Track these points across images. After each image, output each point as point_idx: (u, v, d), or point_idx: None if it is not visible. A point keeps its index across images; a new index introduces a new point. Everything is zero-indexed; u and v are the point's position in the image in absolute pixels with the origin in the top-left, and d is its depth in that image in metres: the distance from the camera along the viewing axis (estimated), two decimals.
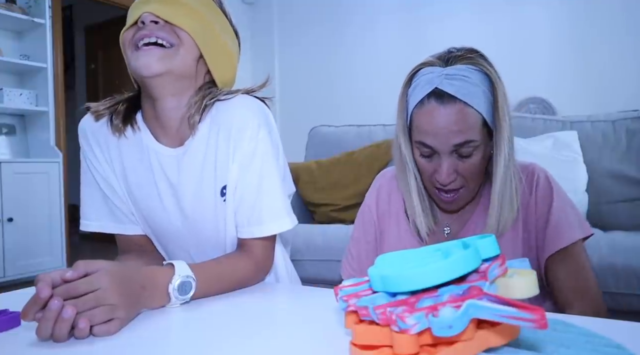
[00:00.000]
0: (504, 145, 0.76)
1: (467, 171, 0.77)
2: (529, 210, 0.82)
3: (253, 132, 0.76)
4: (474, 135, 0.75)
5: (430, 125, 0.75)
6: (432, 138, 0.75)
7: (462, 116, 0.73)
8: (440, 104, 0.74)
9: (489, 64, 0.77)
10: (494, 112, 0.77)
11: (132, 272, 0.59)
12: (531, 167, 0.84)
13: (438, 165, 0.77)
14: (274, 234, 0.79)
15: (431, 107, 0.75)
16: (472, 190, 0.81)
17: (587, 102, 2.69)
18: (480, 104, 0.75)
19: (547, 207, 0.80)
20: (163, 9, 0.73)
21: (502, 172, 0.77)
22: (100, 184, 0.85)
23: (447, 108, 0.74)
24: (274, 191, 0.77)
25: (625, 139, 1.92)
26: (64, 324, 0.49)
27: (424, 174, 0.81)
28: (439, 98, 0.74)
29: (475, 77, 0.75)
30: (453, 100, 0.73)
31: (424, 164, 0.80)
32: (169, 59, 0.73)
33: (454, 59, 0.77)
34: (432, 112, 0.75)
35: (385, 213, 0.91)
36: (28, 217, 3.01)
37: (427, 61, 0.79)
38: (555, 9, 2.83)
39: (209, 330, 0.53)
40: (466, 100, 0.73)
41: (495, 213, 0.79)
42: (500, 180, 0.77)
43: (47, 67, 3.21)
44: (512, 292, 0.38)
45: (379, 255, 0.48)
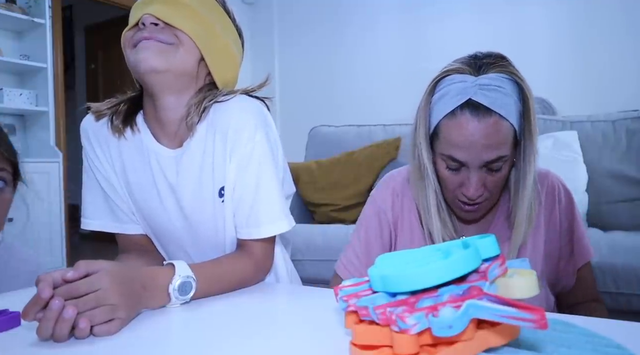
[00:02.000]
0: (533, 159, 0.74)
1: (493, 185, 0.75)
2: (551, 222, 0.82)
3: (250, 133, 0.76)
4: (506, 150, 0.72)
5: (462, 139, 0.71)
6: (464, 152, 0.72)
7: (497, 131, 0.70)
8: (474, 116, 0.70)
9: (518, 72, 0.74)
10: (524, 122, 0.74)
11: (133, 272, 0.59)
12: (549, 177, 0.84)
13: (466, 179, 0.74)
14: (273, 235, 0.79)
15: (465, 119, 0.71)
16: (494, 201, 0.79)
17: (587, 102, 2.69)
18: (513, 116, 0.72)
19: (571, 221, 0.82)
20: (164, 10, 0.73)
21: (530, 187, 0.75)
22: (102, 183, 0.85)
23: (481, 122, 0.70)
24: (271, 193, 0.77)
25: (625, 139, 1.92)
26: (64, 324, 0.49)
27: (447, 186, 0.78)
28: (474, 110, 0.70)
29: (508, 87, 0.72)
30: (489, 113, 0.70)
31: (449, 177, 0.76)
32: (168, 55, 0.73)
33: (486, 66, 0.73)
34: (466, 124, 0.70)
35: (399, 218, 0.88)
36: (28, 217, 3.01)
37: (453, 68, 0.75)
38: (555, 9, 2.83)
39: (209, 330, 0.53)
40: (501, 112, 0.70)
41: (523, 228, 0.77)
42: (528, 196, 0.76)
43: (47, 67, 3.20)
44: (512, 292, 0.38)
45: (379, 256, 0.48)
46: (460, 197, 0.77)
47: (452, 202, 0.80)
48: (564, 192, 0.83)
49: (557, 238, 0.82)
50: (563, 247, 0.82)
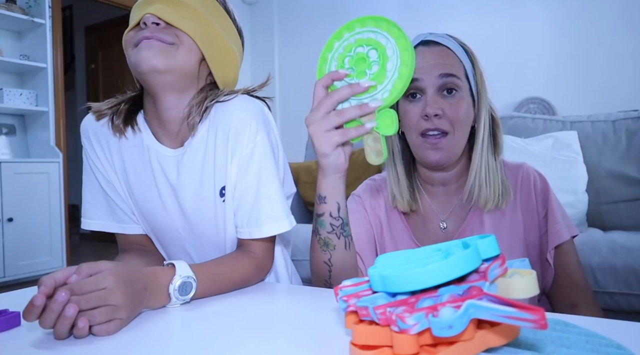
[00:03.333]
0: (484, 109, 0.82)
1: (452, 113, 0.79)
2: (529, 211, 0.84)
3: (251, 133, 0.76)
4: (457, 73, 0.79)
5: (417, 62, 0.79)
6: (419, 70, 0.79)
7: (446, 55, 0.80)
8: (426, 47, 0.82)
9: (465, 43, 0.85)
10: (476, 81, 0.83)
11: (135, 273, 0.59)
12: (524, 167, 0.87)
13: (425, 103, 0.79)
14: (274, 235, 0.79)
15: (418, 50, 0.81)
16: (457, 142, 0.81)
17: (587, 102, 2.69)
18: (462, 58, 0.81)
19: (546, 206, 0.84)
20: (165, 10, 0.73)
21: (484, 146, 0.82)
22: (102, 183, 0.85)
23: (432, 48, 0.81)
24: (272, 193, 0.77)
25: (625, 139, 1.92)
26: (65, 322, 0.50)
27: (409, 123, 0.82)
28: (425, 44, 0.82)
29: (457, 43, 0.83)
30: (438, 44, 0.81)
31: (409, 110, 0.81)
32: (169, 55, 0.73)
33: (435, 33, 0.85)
34: (420, 52, 0.81)
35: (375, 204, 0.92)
36: (28, 217, 3.02)
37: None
38: (554, 9, 2.83)
39: (209, 330, 0.54)
40: (449, 46, 0.81)
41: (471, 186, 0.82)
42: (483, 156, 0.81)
43: (47, 67, 3.21)
44: (512, 292, 0.38)
45: (379, 256, 0.48)
46: (422, 126, 0.80)
47: (416, 143, 0.82)
48: (540, 179, 0.86)
49: (536, 225, 0.84)
50: (543, 235, 0.84)
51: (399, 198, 0.86)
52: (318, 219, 0.72)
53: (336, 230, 0.72)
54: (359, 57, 0.62)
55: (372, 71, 0.62)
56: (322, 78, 0.64)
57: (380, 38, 0.62)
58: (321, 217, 0.72)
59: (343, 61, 0.63)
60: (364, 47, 0.62)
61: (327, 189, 0.70)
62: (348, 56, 0.63)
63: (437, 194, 0.88)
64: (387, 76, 0.61)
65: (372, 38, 0.62)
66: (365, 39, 0.63)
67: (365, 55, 0.62)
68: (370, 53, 0.62)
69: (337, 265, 0.74)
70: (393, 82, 0.61)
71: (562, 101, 2.76)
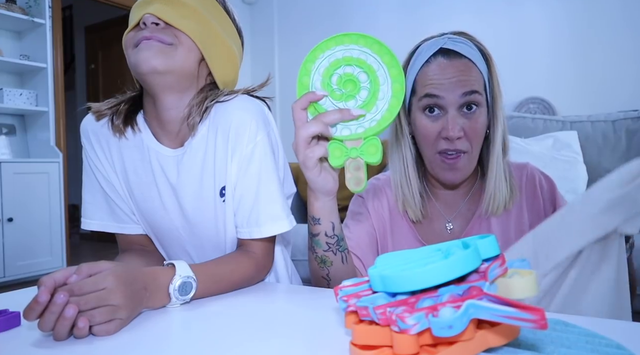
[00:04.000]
0: (500, 114, 0.81)
1: (472, 131, 0.77)
2: (534, 210, 0.83)
3: (251, 133, 0.76)
4: (479, 87, 0.78)
5: (438, 76, 0.77)
6: (440, 87, 0.77)
7: (468, 69, 0.78)
8: (446, 58, 0.78)
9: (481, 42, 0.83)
10: (492, 86, 0.81)
11: (135, 273, 0.59)
12: (528, 167, 0.87)
13: (445, 122, 0.77)
14: (274, 235, 0.79)
15: (438, 62, 0.78)
16: (473, 159, 0.80)
17: (587, 102, 2.69)
18: (481, 67, 0.79)
19: (554, 204, 0.83)
20: (164, 10, 0.73)
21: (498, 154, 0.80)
22: (102, 183, 0.85)
23: (453, 61, 0.78)
24: (272, 193, 0.77)
25: (625, 139, 1.92)
26: (64, 322, 0.50)
27: (427, 138, 0.80)
28: (446, 54, 0.78)
29: (474, 47, 0.81)
30: (459, 56, 0.78)
31: (427, 127, 0.79)
32: (168, 55, 0.73)
33: (452, 35, 0.82)
34: (440, 65, 0.78)
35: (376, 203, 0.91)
36: (28, 217, 3.02)
37: (425, 39, 0.83)
38: (554, 9, 2.83)
39: (209, 330, 0.54)
40: (470, 57, 0.78)
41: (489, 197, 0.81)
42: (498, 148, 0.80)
43: (47, 67, 3.21)
44: (512, 292, 0.38)
45: (379, 256, 0.48)
46: (441, 146, 0.79)
47: (432, 160, 0.81)
48: (545, 179, 0.86)
49: None
50: None
51: (411, 205, 0.85)
52: (313, 238, 0.73)
53: (332, 248, 0.73)
54: (347, 78, 0.60)
55: (361, 97, 0.60)
56: (300, 101, 0.60)
57: (371, 61, 0.59)
58: (316, 237, 0.72)
59: (330, 78, 0.60)
60: (354, 67, 0.60)
61: (320, 212, 0.70)
62: (336, 74, 0.60)
63: (445, 196, 0.88)
64: (376, 105, 0.59)
65: (363, 59, 0.59)
66: (356, 59, 0.60)
67: (355, 78, 0.60)
68: (359, 76, 0.60)
69: (335, 279, 0.75)
70: (382, 113, 0.59)
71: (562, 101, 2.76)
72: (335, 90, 0.60)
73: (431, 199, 0.88)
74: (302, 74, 0.61)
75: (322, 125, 0.59)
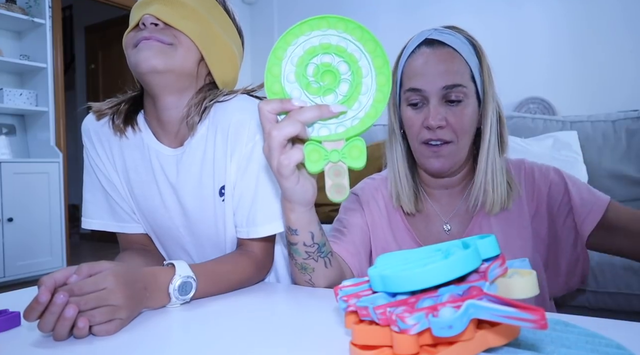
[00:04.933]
0: (490, 108, 0.79)
1: (456, 122, 0.77)
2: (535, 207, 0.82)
3: (250, 133, 0.76)
4: (462, 80, 0.76)
5: (420, 68, 0.77)
6: (421, 79, 0.76)
7: (451, 58, 0.77)
8: (430, 47, 0.78)
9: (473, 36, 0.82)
10: (482, 79, 0.79)
11: (135, 273, 0.59)
12: (525, 163, 0.85)
13: (428, 112, 0.77)
14: (272, 234, 0.79)
15: (421, 52, 0.78)
16: (460, 150, 0.79)
17: (587, 102, 2.69)
18: (468, 58, 0.78)
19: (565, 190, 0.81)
20: (163, 10, 0.74)
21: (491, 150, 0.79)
22: (103, 182, 0.85)
23: (436, 51, 0.77)
24: (270, 193, 0.77)
25: (625, 139, 1.92)
26: (64, 323, 0.50)
27: (412, 130, 0.80)
28: (430, 44, 0.78)
29: (462, 39, 0.80)
30: (442, 45, 0.78)
31: (412, 117, 0.79)
32: (167, 55, 0.73)
33: (441, 27, 0.82)
34: (423, 55, 0.78)
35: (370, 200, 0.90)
36: (28, 217, 3.02)
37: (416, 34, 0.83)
38: (554, 9, 2.83)
39: (209, 330, 0.54)
40: (455, 47, 0.77)
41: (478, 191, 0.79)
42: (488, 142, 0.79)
43: (47, 67, 3.21)
44: (513, 292, 0.38)
45: (379, 255, 0.48)
46: (424, 136, 0.78)
47: (417, 150, 0.81)
48: (552, 171, 0.83)
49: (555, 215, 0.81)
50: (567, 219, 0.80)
51: (403, 199, 0.85)
52: (292, 247, 0.68)
53: (313, 256, 0.68)
54: (325, 69, 0.52)
55: (341, 91, 0.52)
56: (271, 104, 0.52)
57: (352, 49, 0.52)
58: (295, 246, 0.67)
59: (305, 68, 0.52)
60: (333, 56, 0.52)
61: (297, 223, 0.64)
62: (312, 63, 0.52)
63: (439, 197, 0.87)
64: (359, 100, 0.52)
65: (343, 47, 0.52)
66: (335, 46, 0.52)
67: (334, 68, 0.52)
68: (339, 66, 0.52)
69: (318, 283, 0.71)
70: (366, 110, 0.52)
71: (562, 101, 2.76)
72: (312, 83, 0.52)
73: (427, 199, 0.87)
74: (272, 63, 0.53)
75: (298, 125, 0.51)
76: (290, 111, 0.52)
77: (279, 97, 0.53)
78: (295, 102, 0.51)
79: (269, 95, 0.54)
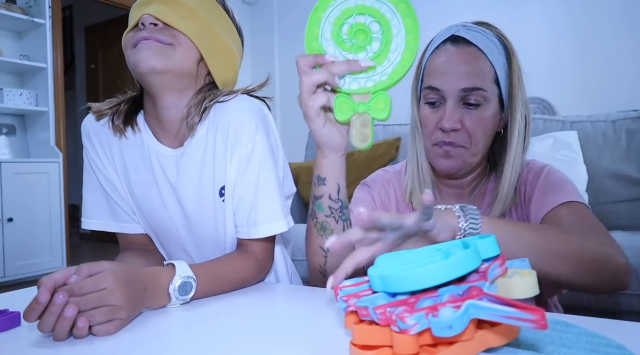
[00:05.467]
0: (518, 113, 0.76)
1: (473, 125, 0.74)
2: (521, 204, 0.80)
3: (250, 133, 0.76)
4: (484, 84, 0.74)
5: (441, 66, 0.75)
6: (441, 78, 0.75)
7: (474, 59, 0.74)
8: (454, 45, 0.75)
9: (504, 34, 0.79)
10: (509, 82, 0.76)
11: (135, 273, 0.59)
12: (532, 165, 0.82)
13: (443, 113, 0.75)
14: (272, 235, 0.79)
15: (445, 49, 0.76)
16: (474, 155, 0.77)
17: (586, 102, 2.69)
18: (495, 59, 0.75)
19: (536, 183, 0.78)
20: (162, 10, 0.74)
21: (516, 156, 0.75)
22: (103, 182, 0.85)
23: (459, 49, 0.75)
24: (270, 193, 0.77)
25: (625, 139, 1.92)
26: (64, 323, 0.50)
27: (427, 128, 0.78)
28: (454, 41, 0.76)
29: (492, 38, 0.76)
30: (467, 43, 0.75)
31: (428, 116, 0.77)
32: (166, 55, 0.73)
33: (470, 23, 0.79)
34: (445, 52, 0.75)
35: (382, 195, 0.89)
36: (28, 217, 3.02)
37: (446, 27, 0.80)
38: (554, 9, 2.83)
39: (209, 331, 0.54)
40: (481, 47, 0.74)
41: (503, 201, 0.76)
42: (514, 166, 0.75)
43: (47, 67, 3.21)
44: (512, 292, 0.38)
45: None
46: (437, 138, 0.76)
47: (430, 151, 0.79)
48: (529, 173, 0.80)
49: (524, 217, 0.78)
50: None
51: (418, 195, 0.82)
52: (316, 201, 0.68)
53: (335, 214, 0.68)
54: (359, 28, 0.56)
55: (372, 48, 0.56)
56: (306, 58, 0.57)
57: (385, 10, 0.55)
58: (319, 200, 0.67)
59: (340, 27, 0.57)
60: (366, 17, 0.56)
61: (327, 169, 0.65)
62: (346, 23, 0.56)
63: (449, 195, 0.86)
64: (388, 57, 0.56)
65: (377, 8, 0.56)
66: (369, 7, 0.56)
67: (367, 28, 0.56)
68: (372, 26, 0.56)
69: (331, 269, 0.70)
70: (394, 67, 0.55)
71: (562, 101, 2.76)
72: (346, 41, 0.57)
73: (437, 197, 0.86)
74: (312, 22, 0.58)
75: (327, 75, 0.55)
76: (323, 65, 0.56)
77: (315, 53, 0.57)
78: (328, 57, 0.56)
79: (307, 51, 0.58)
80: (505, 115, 0.78)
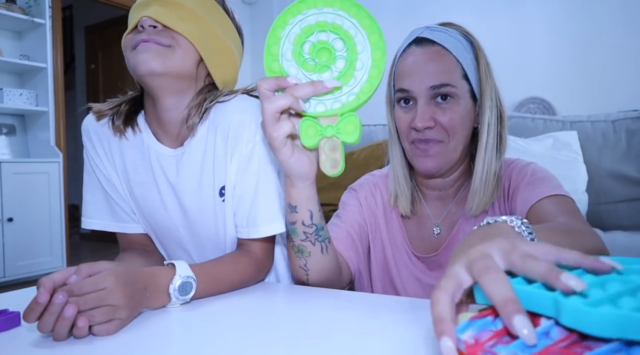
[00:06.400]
0: (487, 108, 0.76)
1: (446, 120, 0.75)
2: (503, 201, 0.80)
3: (250, 133, 0.76)
4: (451, 80, 0.75)
5: (407, 68, 0.77)
6: (409, 79, 0.76)
7: (439, 57, 0.75)
8: (419, 47, 0.77)
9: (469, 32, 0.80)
10: (478, 76, 0.78)
11: (135, 273, 0.59)
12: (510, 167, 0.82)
13: (415, 113, 0.76)
14: (272, 235, 0.79)
15: (410, 51, 0.78)
16: (452, 150, 0.77)
17: (586, 102, 2.69)
18: (461, 55, 0.76)
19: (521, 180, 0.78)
20: (161, 12, 0.73)
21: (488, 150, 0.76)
22: (103, 182, 0.85)
23: (424, 49, 0.76)
24: (270, 193, 0.77)
25: (625, 139, 1.92)
26: (64, 322, 0.50)
27: (402, 130, 0.79)
28: (419, 43, 0.78)
29: (457, 36, 0.78)
30: (431, 43, 0.76)
31: (401, 118, 0.79)
32: (166, 57, 0.73)
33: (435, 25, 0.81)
34: (411, 55, 0.77)
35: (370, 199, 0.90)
36: (28, 217, 3.02)
37: None
38: (554, 9, 2.83)
39: (209, 330, 0.54)
40: (445, 45, 0.76)
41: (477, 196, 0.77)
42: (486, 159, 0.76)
43: (47, 67, 3.21)
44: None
45: None
46: (412, 136, 0.77)
47: (408, 150, 0.80)
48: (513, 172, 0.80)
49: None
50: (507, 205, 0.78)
51: (401, 200, 0.84)
52: (290, 226, 0.68)
53: (310, 237, 0.67)
54: (321, 46, 0.53)
55: (337, 67, 0.53)
56: (268, 81, 0.53)
57: (348, 26, 0.53)
58: (293, 226, 0.67)
59: (301, 46, 0.54)
60: (329, 34, 0.53)
61: (296, 198, 0.64)
62: (308, 41, 0.53)
63: (433, 198, 0.86)
64: (354, 76, 0.53)
65: (339, 24, 0.53)
66: (330, 24, 0.53)
67: (330, 46, 0.53)
68: (335, 43, 0.53)
69: (314, 270, 0.71)
70: (361, 86, 0.53)
71: (562, 101, 2.76)
72: (308, 61, 0.54)
73: (422, 201, 0.86)
74: (270, 42, 0.54)
75: (291, 99, 0.52)
76: (286, 88, 0.53)
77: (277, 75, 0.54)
78: (290, 80, 0.53)
79: (267, 73, 0.55)
80: (477, 110, 0.79)
